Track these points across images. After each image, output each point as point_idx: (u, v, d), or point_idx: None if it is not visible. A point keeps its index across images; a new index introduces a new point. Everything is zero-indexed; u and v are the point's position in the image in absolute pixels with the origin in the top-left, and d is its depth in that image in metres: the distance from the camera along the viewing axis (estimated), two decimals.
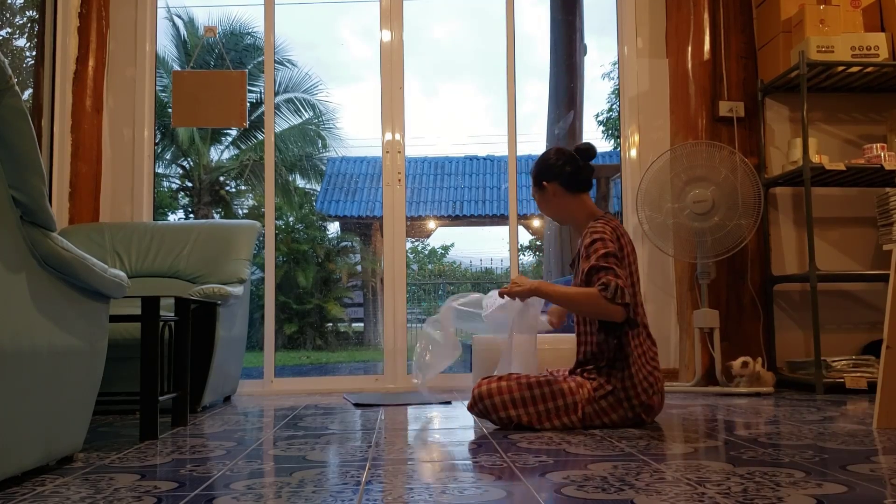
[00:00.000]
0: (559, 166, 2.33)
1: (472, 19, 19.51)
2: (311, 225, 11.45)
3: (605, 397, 2.16)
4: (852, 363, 3.22)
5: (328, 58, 19.34)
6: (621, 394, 2.16)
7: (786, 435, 2.00)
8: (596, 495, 1.31)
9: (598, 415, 2.16)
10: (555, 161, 2.35)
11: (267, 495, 1.36)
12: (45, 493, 1.41)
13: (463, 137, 18.12)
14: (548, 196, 2.36)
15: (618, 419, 2.17)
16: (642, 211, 3.39)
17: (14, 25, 3.90)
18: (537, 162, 2.40)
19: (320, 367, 8.41)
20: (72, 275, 1.62)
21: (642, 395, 2.16)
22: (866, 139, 3.59)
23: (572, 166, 2.33)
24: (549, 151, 2.40)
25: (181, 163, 11.85)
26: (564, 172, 2.32)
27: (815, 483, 1.38)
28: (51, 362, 1.56)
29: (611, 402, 2.16)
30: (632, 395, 2.15)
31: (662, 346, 3.59)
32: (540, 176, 2.37)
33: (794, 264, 3.62)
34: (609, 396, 2.16)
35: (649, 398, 2.17)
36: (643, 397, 2.16)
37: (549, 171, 2.34)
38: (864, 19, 3.43)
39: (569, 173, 2.32)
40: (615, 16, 3.91)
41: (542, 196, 2.38)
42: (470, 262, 13.59)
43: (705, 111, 3.57)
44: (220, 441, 2.05)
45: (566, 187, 2.33)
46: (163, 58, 11.15)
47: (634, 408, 2.16)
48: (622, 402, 2.16)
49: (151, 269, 3.23)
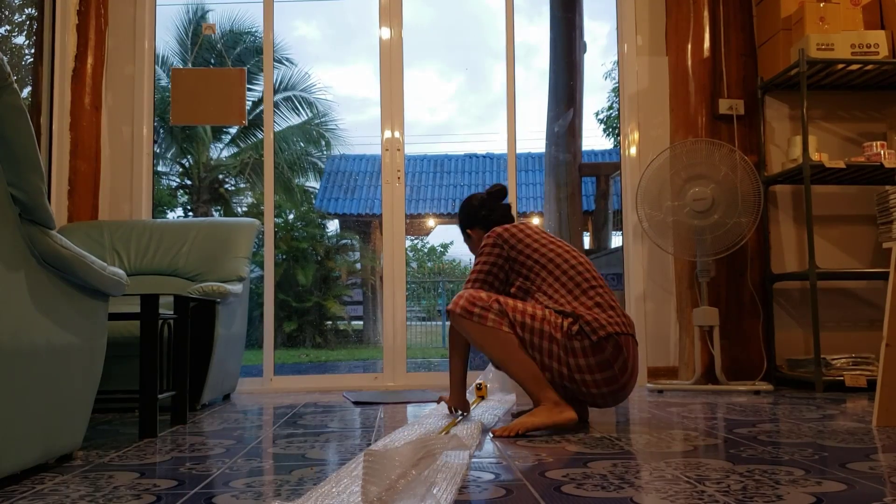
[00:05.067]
0: (475, 213, 2.53)
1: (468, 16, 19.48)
2: (310, 223, 11.45)
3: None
4: (852, 361, 3.22)
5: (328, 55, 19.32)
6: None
7: (785, 433, 2.00)
8: (595, 493, 1.31)
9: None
10: (470, 210, 2.54)
11: (266, 493, 1.36)
12: (45, 491, 1.41)
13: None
14: (475, 241, 2.52)
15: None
16: (642, 209, 3.39)
17: (13, 23, 3.90)
18: (459, 216, 2.59)
19: (320, 365, 8.41)
20: (71, 273, 1.62)
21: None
22: (866, 137, 3.59)
23: (486, 209, 2.51)
24: (464, 203, 2.58)
25: (180, 160, 11.84)
26: (481, 217, 2.51)
27: (814, 481, 1.38)
28: (50, 360, 1.56)
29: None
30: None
31: (662, 343, 3.60)
32: (464, 227, 2.57)
33: (794, 262, 3.62)
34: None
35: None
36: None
37: (468, 219, 2.54)
38: (864, 17, 3.42)
39: (484, 217, 2.50)
40: (615, 14, 3.91)
41: (472, 244, 2.56)
42: (469, 259, 13.56)
43: (705, 109, 3.56)
44: (219, 439, 2.05)
45: (486, 230, 2.48)
46: (163, 55, 11.14)
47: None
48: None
49: (150, 267, 3.22)
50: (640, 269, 3.68)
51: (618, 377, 2.10)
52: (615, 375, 2.10)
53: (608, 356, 2.08)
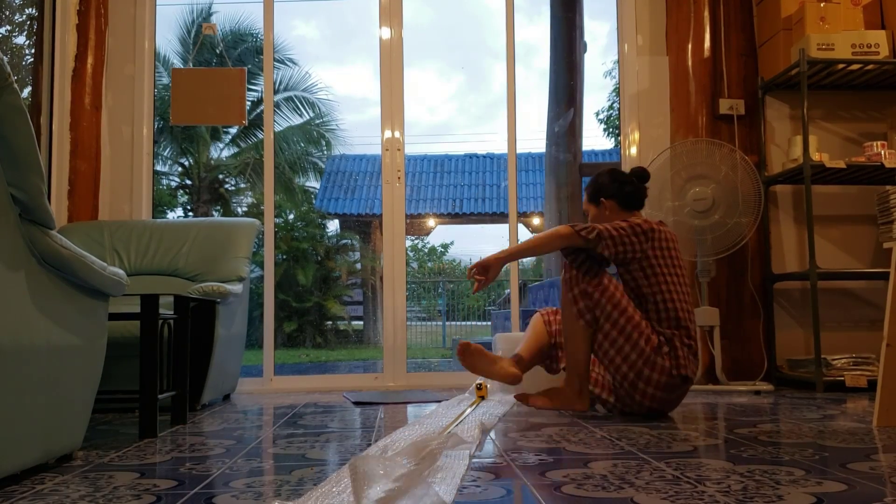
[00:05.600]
0: (619, 186, 2.54)
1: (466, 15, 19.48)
2: (310, 223, 11.45)
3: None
4: (852, 361, 3.22)
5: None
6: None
7: (786, 433, 2.00)
8: (596, 493, 1.31)
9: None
10: (614, 180, 2.56)
11: (266, 493, 1.36)
12: (45, 491, 1.41)
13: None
14: (603, 211, 2.56)
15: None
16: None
17: (13, 23, 3.90)
18: (595, 180, 2.60)
19: (320, 365, 8.41)
20: (71, 273, 1.62)
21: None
22: (867, 137, 3.59)
23: (632, 186, 2.55)
24: (606, 171, 2.61)
25: (181, 160, 11.84)
26: (625, 192, 2.54)
27: (814, 481, 1.38)
28: (50, 360, 1.56)
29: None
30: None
31: None
32: (598, 195, 2.57)
33: (795, 262, 3.62)
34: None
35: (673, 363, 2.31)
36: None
37: (607, 189, 2.55)
38: (864, 17, 3.42)
39: (629, 193, 2.54)
40: (615, 13, 3.91)
41: (597, 212, 2.58)
42: (469, 259, 13.61)
43: (705, 109, 3.56)
44: (219, 439, 2.05)
45: (622, 205, 2.54)
46: (164, 55, 11.14)
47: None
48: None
49: (151, 267, 3.22)
50: None
51: (668, 404, 2.36)
52: (670, 401, 2.35)
53: (679, 394, 2.35)
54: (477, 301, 12.42)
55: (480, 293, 7.80)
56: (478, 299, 12.33)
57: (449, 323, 11.68)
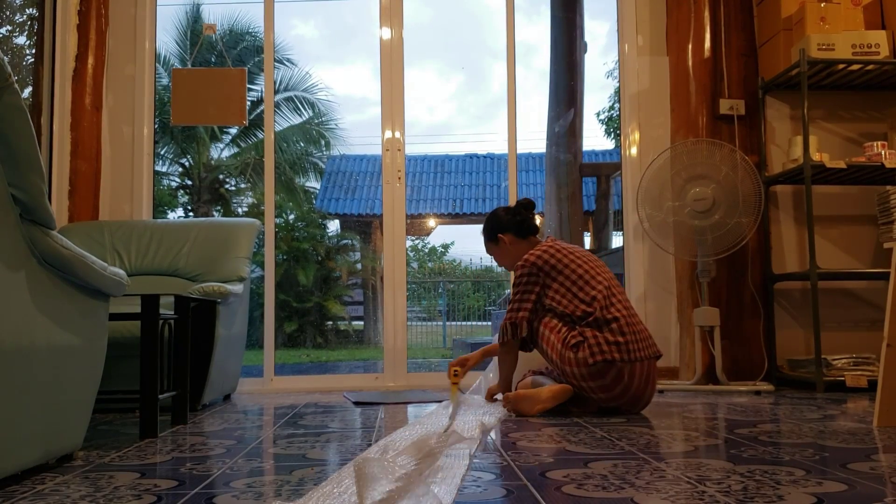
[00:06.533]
0: (508, 219, 2.74)
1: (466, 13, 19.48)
2: (311, 223, 11.45)
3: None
4: (853, 361, 3.22)
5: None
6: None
7: (786, 433, 2.00)
8: (596, 494, 1.31)
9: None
10: (501, 217, 2.77)
11: (267, 493, 1.36)
12: (45, 491, 1.41)
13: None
14: (505, 246, 2.73)
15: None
16: (643, 209, 3.39)
17: (14, 23, 3.90)
18: (486, 226, 2.80)
19: (320, 365, 8.41)
20: (71, 273, 1.62)
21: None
22: (867, 137, 3.59)
23: (520, 216, 2.74)
24: (492, 214, 2.82)
25: (181, 161, 11.84)
26: (516, 222, 2.73)
27: (815, 481, 1.38)
28: (50, 360, 1.56)
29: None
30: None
31: (663, 344, 3.59)
32: (494, 233, 2.76)
33: (795, 262, 3.62)
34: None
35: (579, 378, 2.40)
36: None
37: (500, 225, 2.75)
38: (864, 17, 3.42)
39: (519, 222, 2.73)
40: (615, 13, 3.91)
41: (501, 249, 2.75)
42: (470, 259, 13.60)
43: (706, 109, 3.56)
44: (219, 439, 2.05)
45: (518, 234, 2.72)
46: (164, 55, 11.14)
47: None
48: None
49: (151, 268, 3.23)
50: (640, 269, 3.68)
51: (617, 397, 2.39)
52: (615, 396, 2.39)
53: (608, 381, 2.36)
54: (477, 301, 12.43)
55: (480, 293, 7.85)
56: (478, 299, 12.35)
57: (449, 323, 11.68)
